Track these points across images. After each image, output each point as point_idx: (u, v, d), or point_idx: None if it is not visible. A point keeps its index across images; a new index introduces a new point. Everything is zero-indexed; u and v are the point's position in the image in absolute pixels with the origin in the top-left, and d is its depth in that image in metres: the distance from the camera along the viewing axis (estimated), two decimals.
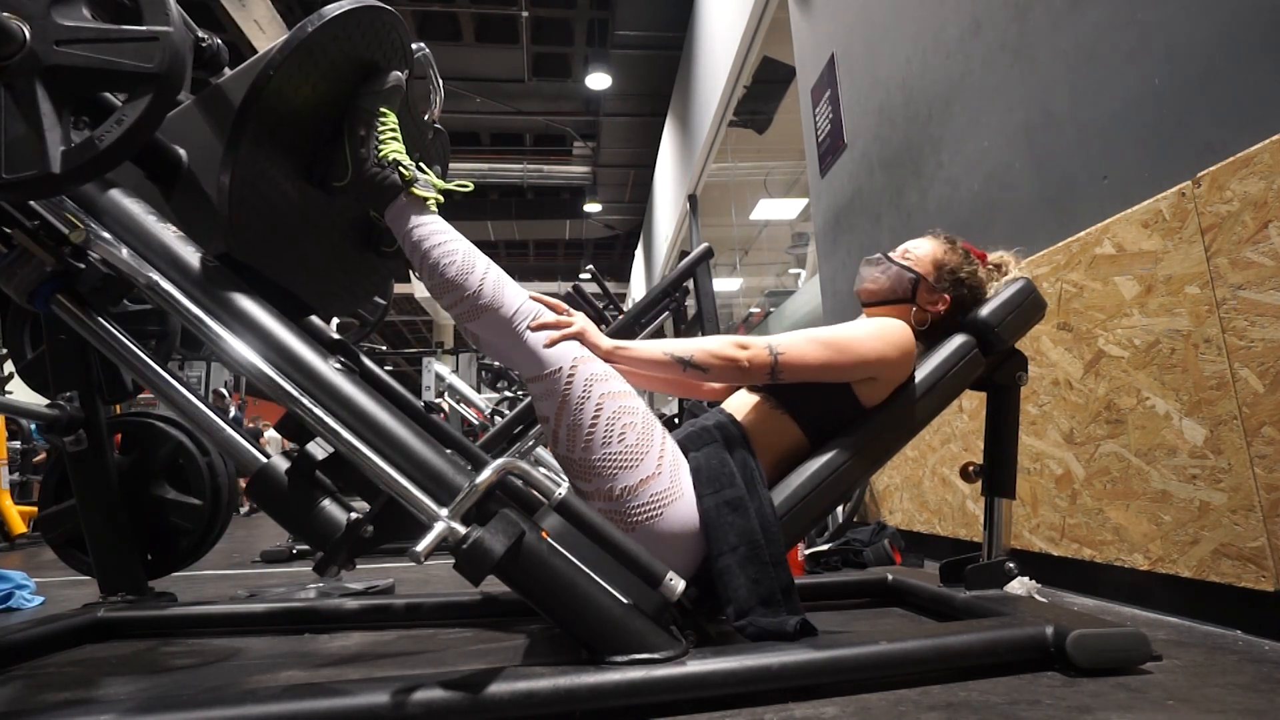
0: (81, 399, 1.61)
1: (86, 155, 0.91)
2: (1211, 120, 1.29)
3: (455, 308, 1.14)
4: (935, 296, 1.32)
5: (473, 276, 1.12)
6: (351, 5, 1.10)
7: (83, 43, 0.92)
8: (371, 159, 1.17)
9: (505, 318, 1.11)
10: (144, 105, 0.93)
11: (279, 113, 1.08)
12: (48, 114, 0.91)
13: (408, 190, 1.17)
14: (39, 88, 0.91)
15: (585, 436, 1.07)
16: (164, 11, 0.94)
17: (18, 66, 0.90)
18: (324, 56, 1.10)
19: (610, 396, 1.09)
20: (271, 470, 1.05)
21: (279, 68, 1.04)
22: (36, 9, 0.92)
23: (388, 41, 1.21)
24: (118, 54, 0.92)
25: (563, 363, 1.09)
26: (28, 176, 0.90)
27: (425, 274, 1.15)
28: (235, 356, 1.05)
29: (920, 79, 2.38)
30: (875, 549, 2.16)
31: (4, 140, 0.89)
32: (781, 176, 7.73)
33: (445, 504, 0.97)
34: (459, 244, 1.16)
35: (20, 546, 4.08)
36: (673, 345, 1.16)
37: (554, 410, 1.09)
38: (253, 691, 0.89)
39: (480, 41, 7.78)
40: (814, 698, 0.95)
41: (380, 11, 1.15)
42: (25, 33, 0.91)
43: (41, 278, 1.10)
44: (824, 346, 1.17)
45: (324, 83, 1.13)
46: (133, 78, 0.93)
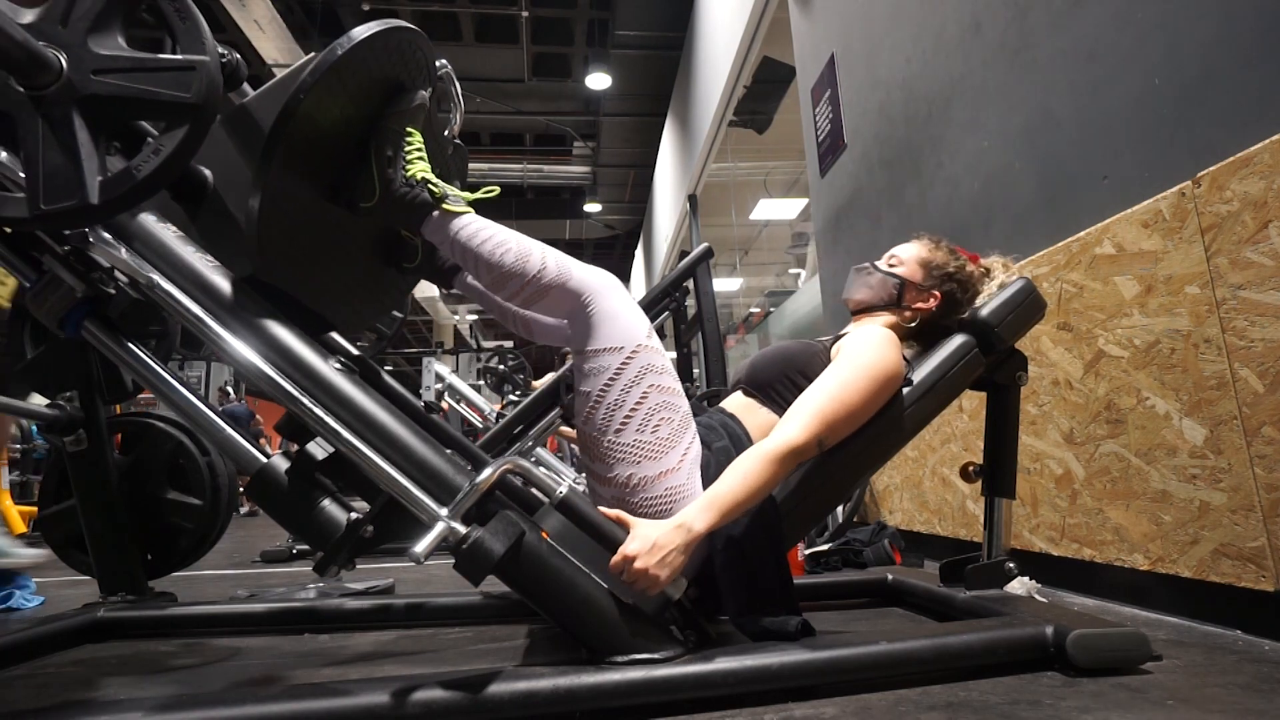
0: (81, 399, 1.61)
1: (124, 186, 0.90)
2: (1211, 120, 1.29)
3: (521, 294, 1.13)
4: (924, 295, 1.34)
5: (533, 259, 1.12)
6: (380, 27, 1.09)
7: (119, 72, 0.91)
8: (399, 179, 1.16)
9: (574, 289, 1.11)
10: (181, 135, 0.92)
11: (308, 135, 1.07)
12: (84, 143, 0.90)
13: (439, 207, 1.17)
14: (76, 117, 0.90)
15: (623, 419, 1.07)
16: (200, 40, 0.93)
17: (55, 96, 0.89)
18: (352, 78, 1.09)
19: (658, 389, 1.09)
20: (271, 470, 1.05)
21: (309, 91, 1.02)
22: (73, 38, 0.90)
23: (413, 60, 1.20)
24: (155, 83, 0.91)
25: (626, 343, 1.09)
26: (66, 208, 0.89)
27: (483, 271, 1.15)
28: (235, 356, 1.05)
29: (920, 79, 2.38)
30: (875, 549, 2.15)
31: (41, 170, 0.88)
32: (781, 176, 7.73)
33: (445, 504, 0.97)
34: (507, 233, 1.16)
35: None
36: (738, 486, 1.02)
37: (600, 386, 1.08)
38: (253, 691, 0.89)
39: (480, 41, 7.78)
40: (814, 698, 0.95)
41: (407, 31, 1.14)
42: (62, 62, 0.89)
43: (72, 303, 1.10)
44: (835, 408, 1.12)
45: (352, 104, 1.12)
46: (170, 108, 0.92)
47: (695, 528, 0.98)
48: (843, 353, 1.20)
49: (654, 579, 0.95)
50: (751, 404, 1.26)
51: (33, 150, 0.89)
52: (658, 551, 0.95)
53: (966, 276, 1.35)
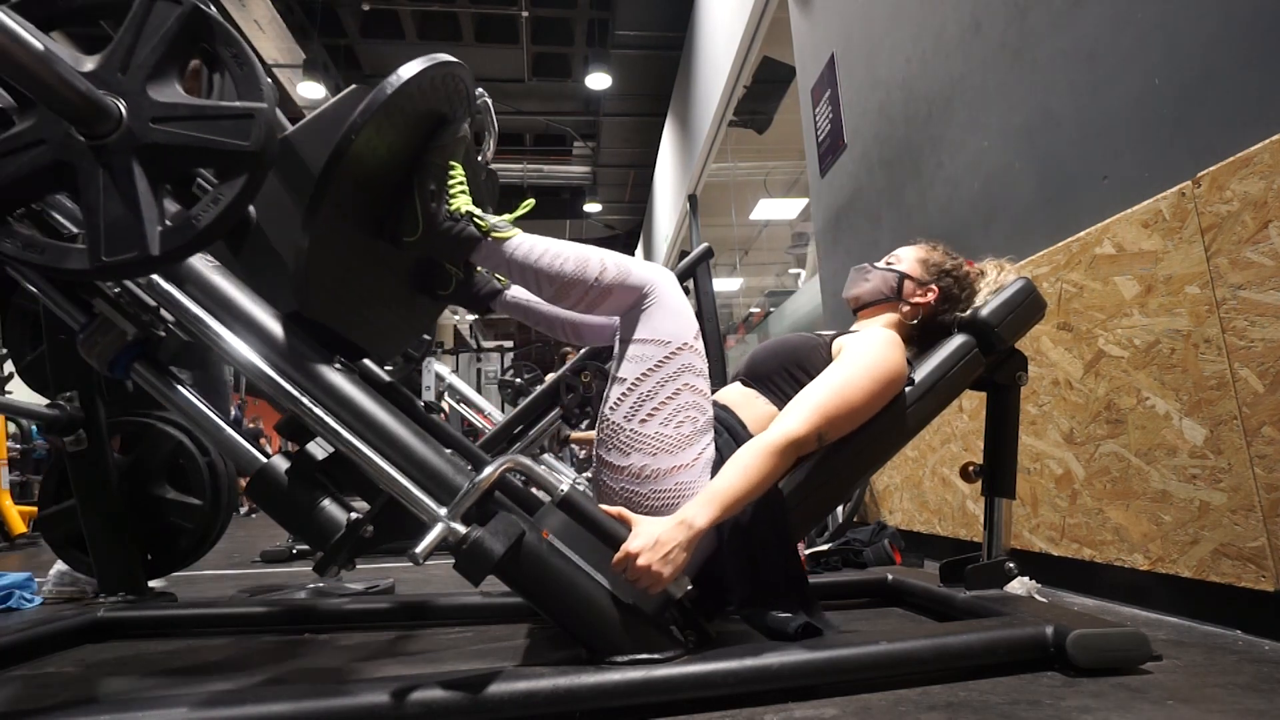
0: (81, 399, 1.62)
1: (185, 236, 0.89)
2: (1211, 120, 1.29)
3: (585, 299, 1.14)
4: (923, 290, 1.35)
5: (592, 264, 1.13)
6: (427, 64, 1.08)
7: (179, 120, 0.90)
8: (443, 214, 1.16)
9: (635, 284, 1.13)
10: (241, 184, 0.90)
11: (356, 174, 1.06)
12: (144, 193, 0.88)
13: (486, 238, 1.17)
14: (136, 166, 0.88)
15: (651, 410, 1.08)
16: (258, 87, 0.92)
17: (115, 145, 0.88)
18: (400, 115, 1.08)
19: (691, 389, 1.11)
20: (271, 470, 1.05)
21: (360, 131, 1.01)
22: (133, 86, 0.89)
23: (455, 93, 1.19)
24: (215, 131, 0.90)
25: (674, 339, 1.11)
26: (127, 259, 0.87)
27: (544, 284, 1.15)
28: (235, 355, 1.05)
29: (920, 79, 2.38)
30: (875, 549, 2.15)
31: (102, 221, 0.87)
32: (781, 176, 7.73)
33: (445, 504, 0.97)
34: (560, 244, 1.17)
35: (20, 546, 4.08)
36: (738, 480, 1.02)
37: (637, 374, 1.10)
38: (253, 691, 0.89)
39: (480, 41, 7.78)
40: (814, 698, 0.95)
41: (452, 66, 1.13)
42: (122, 110, 0.88)
43: (123, 346, 1.09)
44: (837, 403, 1.13)
45: (398, 140, 1.11)
46: (229, 156, 0.90)
47: (697, 523, 0.98)
48: (847, 351, 1.21)
49: (657, 576, 0.95)
50: (750, 395, 1.26)
51: (94, 200, 0.87)
52: (661, 548, 0.95)
53: (963, 274, 1.37)
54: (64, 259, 0.89)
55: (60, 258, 0.89)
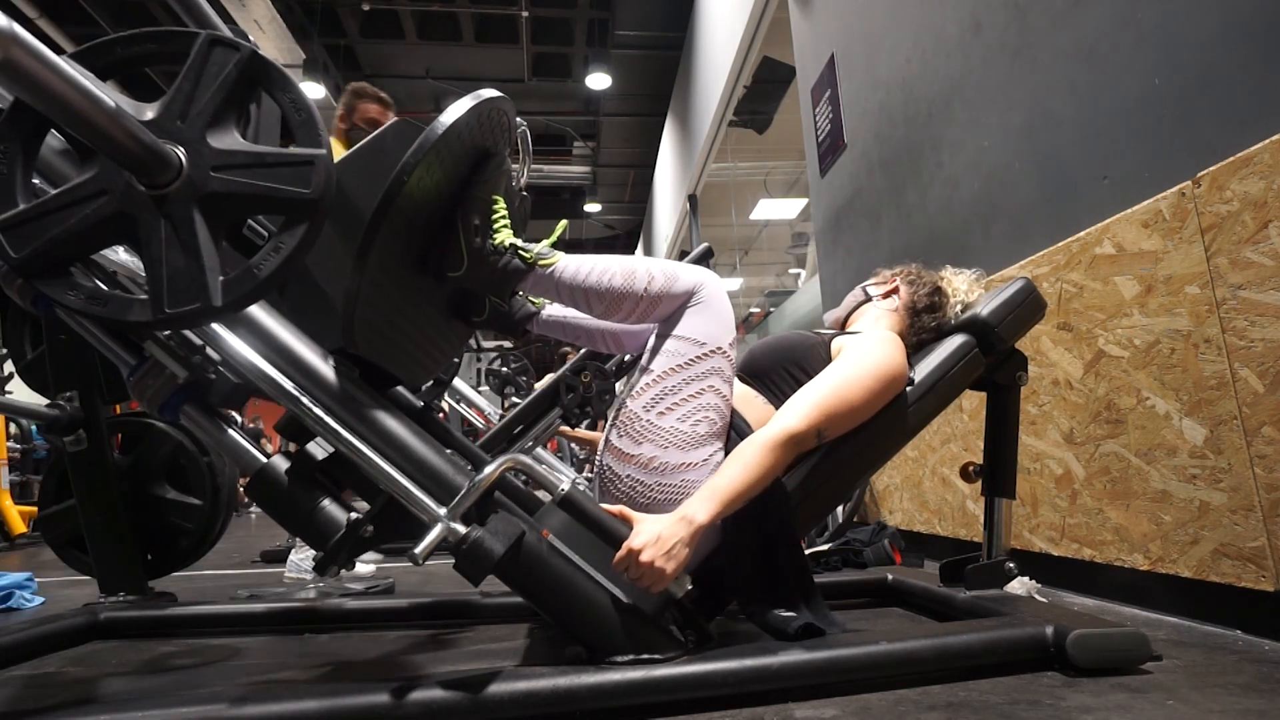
0: (81, 399, 1.61)
1: (247, 287, 0.88)
2: (1211, 120, 1.29)
3: (636, 310, 1.15)
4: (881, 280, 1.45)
5: (639, 275, 1.14)
6: (475, 102, 1.07)
7: (238, 168, 0.89)
8: (488, 248, 1.16)
9: (680, 292, 1.14)
10: (301, 233, 0.89)
11: (405, 213, 1.05)
12: (205, 242, 0.87)
13: (535, 268, 1.17)
14: (196, 215, 0.87)
15: (670, 404, 1.09)
16: (317, 133, 0.91)
17: (176, 195, 0.87)
18: (448, 153, 1.07)
19: (714, 391, 1.11)
20: (271, 470, 1.05)
21: (412, 172, 1.00)
22: (192, 134, 0.88)
23: (499, 127, 1.19)
24: (275, 179, 0.89)
25: (710, 341, 1.12)
26: (190, 310, 0.86)
27: (595, 302, 1.15)
28: (235, 355, 1.05)
29: (920, 79, 2.38)
30: (875, 549, 2.16)
31: (164, 273, 0.86)
32: (781, 176, 7.73)
33: (445, 504, 0.97)
34: (602, 260, 1.17)
35: (20, 546, 4.08)
36: (738, 475, 1.03)
37: (666, 368, 1.10)
38: (253, 691, 0.89)
39: (480, 41, 7.77)
40: (814, 698, 0.95)
41: (497, 100, 1.13)
42: (182, 159, 0.87)
43: (174, 389, 1.08)
44: (837, 401, 1.14)
45: (445, 176, 1.11)
46: (289, 204, 0.89)
47: (698, 519, 0.98)
48: (848, 349, 1.21)
49: (660, 572, 0.95)
50: (748, 393, 1.27)
51: (156, 252, 0.86)
52: (664, 544, 0.95)
53: (918, 275, 1.43)
54: (128, 312, 0.87)
55: (124, 310, 0.88)
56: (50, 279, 0.88)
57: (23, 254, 0.85)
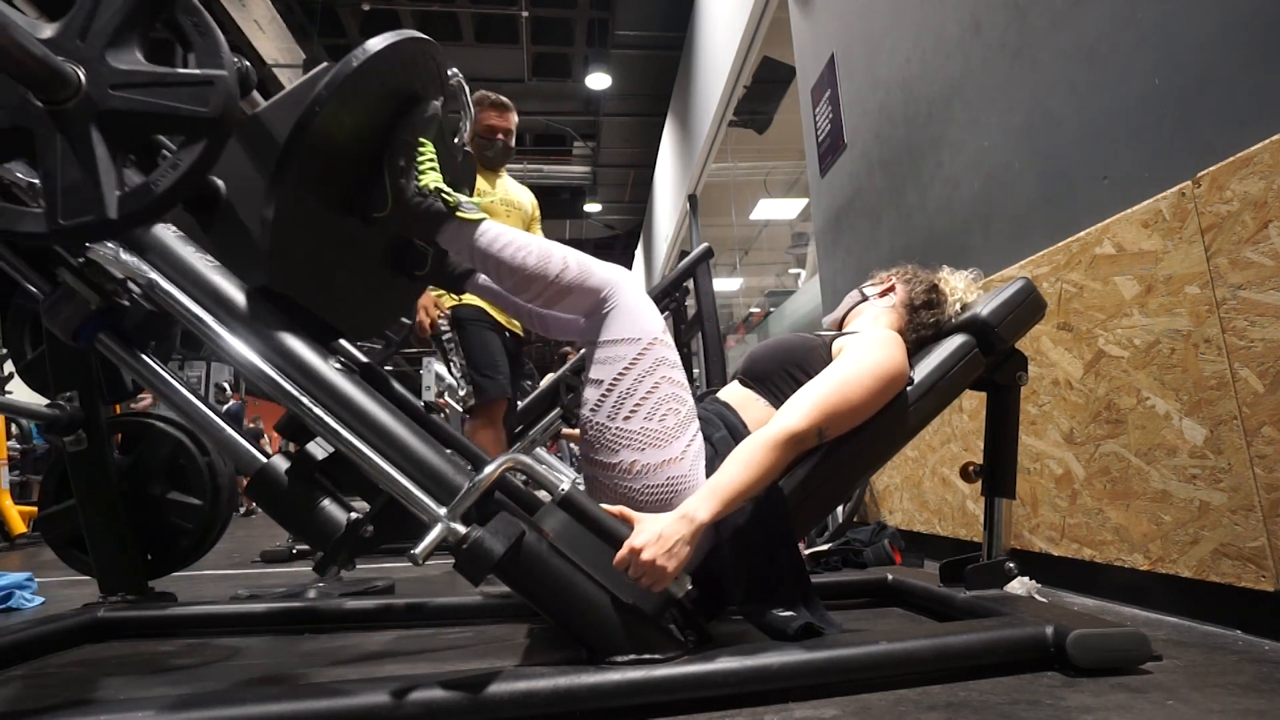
0: (81, 399, 1.61)
1: (142, 201, 0.90)
2: (1211, 120, 1.29)
3: (544, 294, 1.16)
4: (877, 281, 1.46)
5: (554, 260, 1.15)
6: (394, 39, 1.08)
7: (138, 87, 0.90)
8: (412, 189, 1.17)
9: (595, 287, 1.14)
10: (199, 151, 0.91)
11: (321, 148, 1.07)
12: (102, 158, 0.89)
13: (453, 215, 1.18)
14: (94, 132, 0.89)
15: (631, 408, 1.09)
16: (218, 55, 0.93)
17: (74, 111, 0.88)
18: (367, 90, 1.08)
19: (668, 381, 1.12)
20: (271, 470, 1.05)
21: (324, 104, 1.02)
22: (92, 53, 0.90)
23: (425, 70, 1.20)
24: (174, 98, 0.90)
25: (644, 335, 1.12)
26: (85, 222, 0.88)
27: (505, 274, 1.16)
28: (234, 355, 1.05)
29: (920, 79, 2.38)
30: (875, 549, 2.15)
31: (59, 185, 0.88)
32: (781, 176, 7.73)
33: (445, 504, 0.97)
34: (525, 236, 1.18)
35: (20, 546, 4.08)
36: (739, 474, 1.02)
37: (613, 375, 1.10)
38: (253, 691, 0.89)
39: (480, 41, 7.77)
40: (814, 698, 0.95)
41: (420, 42, 1.14)
42: (81, 76, 0.89)
43: (86, 316, 1.09)
44: (838, 400, 1.13)
45: (365, 115, 1.12)
46: (188, 122, 0.91)
47: (699, 517, 0.98)
48: (849, 349, 1.21)
49: (661, 571, 0.95)
50: (749, 396, 1.27)
51: (51, 165, 0.88)
52: (664, 542, 0.95)
53: (914, 273, 1.43)
54: (20, 222, 0.89)
55: (16, 220, 0.89)
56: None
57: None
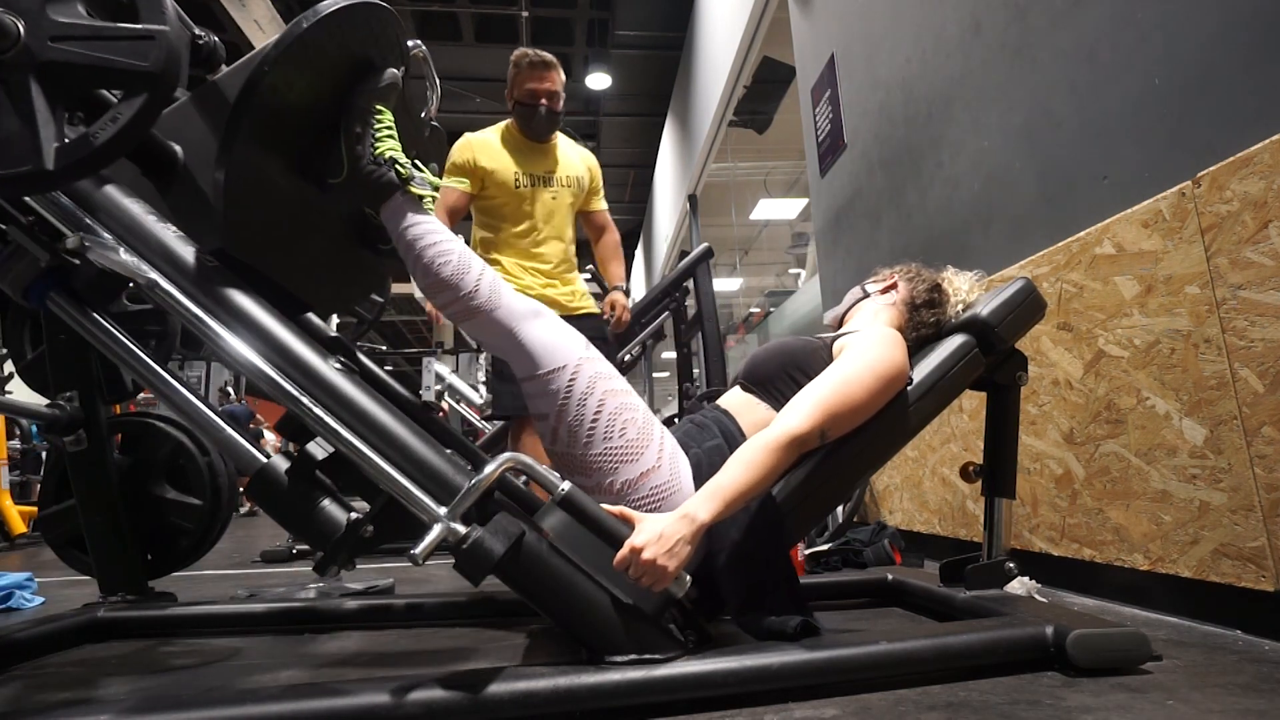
0: (81, 399, 1.61)
1: (80, 152, 0.91)
2: (1211, 120, 1.29)
3: (450, 307, 1.15)
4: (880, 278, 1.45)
5: (468, 277, 1.14)
6: (346, 2, 1.10)
7: (77, 40, 0.91)
8: (368, 157, 1.17)
9: (501, 320, 1.13)
10: (139, 104, 0.92)
11: (274, 109, 1.08)
12: (41, 110, 0.90)
13: (404, 188, 1.17)
14: (33, 84, 0.90)
15: (587, 433, 1.08)
16: (160, 10, 0.93)
17: (12, 62, 0.89)
18: (320, 53, 1.10)
19: (612, 394, 1.10)
20: (271, 470, 1.05)
21: (274, 64, 1.03)
22: (31, 4, 0.90)
23: (384, 39, 1.21)
24: (113, 51, 0.91)
25: (568, 360, 1.10)
26: (21, 172, 0.89)
27: (419, 273, 1.16)
28: (234, 355, 1.05)
29: (920, 79, 2.38)
30: (875, 549, 2.15)
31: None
32: (781, 176, 7.73)
33: (445, 504, 0.97)
34: (454, 244, 1.17)
35: (20, 546, 4.08)
36: (740, 475, 1.02)
37: (554, 407, 1.09)
38: (253, 691, 0.89)
39: (480, 41, 7.77)
40: (814, 698, 0.95)
41: (376, 8, 1.15)
42: (20, 28, 0.89)
43: (36, 274, 1.10)
44: (840, 400, 1.13)
45: (320, 79, 1.13)
46: (128, 76, 0.92)
47: (700, 517, 0.98)
48: (849, 348, 1.21)
49: (662, 570, 0.94)
50: (750, 400, 1.26)
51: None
52: (665, 542, 0.95)
53: (917, 272, 1.43)
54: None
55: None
56: None
57: None
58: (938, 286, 1.39)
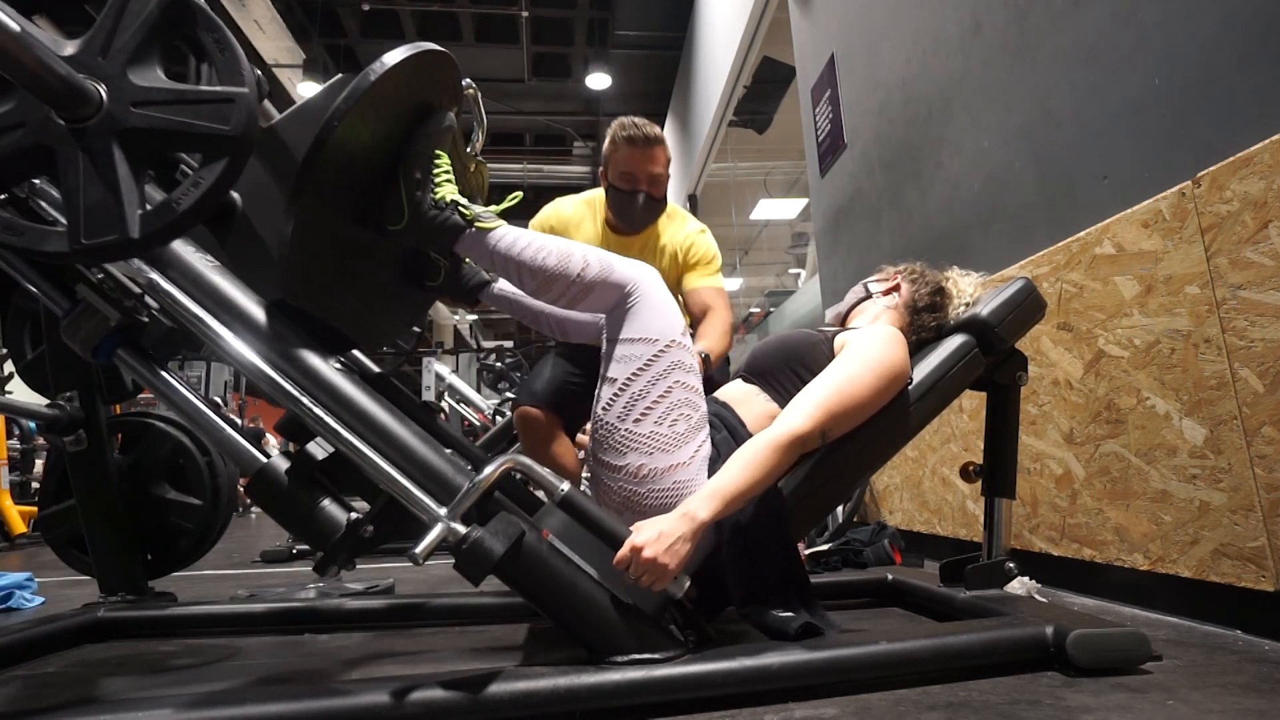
0: (81, 399, 1.61)
1: (165, 219, 0.89)
2: (1211, 120, 1.29)
3: (566, 294, 1.14)
4: (886, 279, 1.45)
5: (574, 259, 1.13)
6: (411, 52, 1.08)
7: (159, 104, 0.90)
8: (428, 202, 1.16)
9: (618, 283, 1.12)
10: (221, 168, 0.90)
11: (339, 161, 1.06)
12: (124, 177, 0.89)
13: (471, 227, 1.17)
14: (116, 150, 0.89)
15: (643, 410, 1.08)
16: (239, 72, 0.92)
17: (95, 129, 0.88)
18: (384, 102, 1.08)
19: (682, 386, 1.11)
20: (271, 470, 1.05)
21: (343, 118, 1.02)
22: (113, 70, 0.89)
23: (441, 82, 1.20)
24: (195, 115, 0.90)
25: (662, 336, 1.11)
26: (107, 242, 0.88)
27: (526, 278, 1.15)
28: (238, 357, 1.05)
29: (920, 79, 2.38)
30: (875, 549, 2.15)
31: (82, 204, 0.87)
32: (781, 176, 7.73)
33: (445, 504, 0.97)
34: (544, 238, 1.17)
35: (20, 546, 4.08)
36: (741, 474, 1.02)
37: (628, 375, 1.09)
38: (253, 691, 0.89)
39: (480, 41, 7.78)
40: (814, 698, 0.95)
41: (437, 54, 1.14)
42: (102, 94, 0.89)
43: (106, 332, 1.09)
44: (841, 399, 1.13)
45: (382, 127, 1.12)
46: (209, 140, 0.90)
47: (699, 516, 0.98)
48: (850, 347, 1.21)
49: (663, 568, 0.95)
50: (751, 392, 1.27)
51: (73, 184, 0.88)
52: (665, 540, 0.95)
53: (921, 273, 1.42)
54: (43, 241, 0.89)
55: (40, 240, 0.89)
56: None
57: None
58: (940, 290, 1.38)
